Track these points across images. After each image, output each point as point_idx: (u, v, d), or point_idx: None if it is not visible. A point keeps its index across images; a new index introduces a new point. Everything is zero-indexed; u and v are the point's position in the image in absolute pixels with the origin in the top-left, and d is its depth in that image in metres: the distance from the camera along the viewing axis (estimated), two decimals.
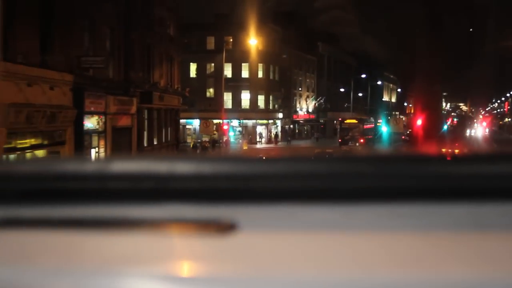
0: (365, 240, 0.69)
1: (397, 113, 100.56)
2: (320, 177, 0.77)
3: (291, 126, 61.80)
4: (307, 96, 66.04)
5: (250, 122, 54.34)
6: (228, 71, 54.80)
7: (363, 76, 65.66)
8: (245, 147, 40.51)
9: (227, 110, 54.04)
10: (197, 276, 0.63)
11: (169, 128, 33.98)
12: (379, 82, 71.13)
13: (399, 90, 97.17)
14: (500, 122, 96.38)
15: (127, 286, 0.63)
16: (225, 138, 38.84)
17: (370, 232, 0.71)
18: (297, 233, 0.71)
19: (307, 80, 66.41)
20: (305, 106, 65.37)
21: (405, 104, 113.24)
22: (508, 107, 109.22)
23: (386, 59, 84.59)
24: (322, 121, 69.65)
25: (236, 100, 54.23)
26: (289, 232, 0.71)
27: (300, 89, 64.05)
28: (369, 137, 40.03)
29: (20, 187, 0.79)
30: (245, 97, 54.58)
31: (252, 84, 53.56)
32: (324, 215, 0.74)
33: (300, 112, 64.01)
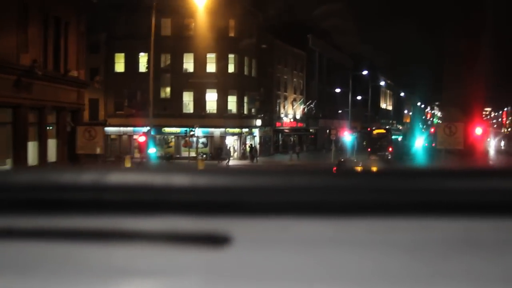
0: (359, 254, 0.69)
1: (394, 121, 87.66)
2: (314, 191, 0.76)
3: (274, 136, 47.44)
4: (294, 99, 51.72)
5: (217, 132, 39.85)
6: (189, 64, 40.29)
7: (364, 73, 51.30)
8: (200, 167, 26.08)
9: (187, 115, 39.69)
10: None
11: (49, 141, 19.39)
12: (382, 83, 57.10)
13: (402, 94, 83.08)
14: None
15: None
16: (140, 155, 24.44)
17: (364, 246, 0.70)
18: (292, 247, 0.70)
19: (294, 79, 52.15)
20: (292, 112, 51.06)
21: (406, 112, 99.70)
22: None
23: (385, 62, 70.53)
24: (312, 130, 55.45)
25: (199, 102, 39.74)
26: (284, 246, 0.71)
27: (285, 90, 49.71)
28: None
29: (17, 197, 0.78)
30: (211, 98, 40.07)
31: (221, 82, 39.21)
32: (318, 228, 0.73)
33: (285, 119, 49.63)
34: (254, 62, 42.59)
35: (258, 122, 42.91)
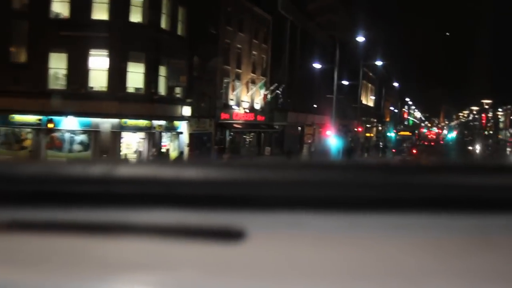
0: (374, 249, 0.67)
1: (374, 120, 71.48)
2: (329, 186, 0.74)
3: (218, 133, 29.78)
4: (252, 81, 34.11)
5: (107, 124, 21.94)
6: (60, 5, 22.29)
7: (360, 39, 33.63)
8: None
9: (56, 92, 21.76)
10: (205, 285, 0.62)
11: None
12: (378, 62, 39.82)
13: (395, 84, 65.66)
14: None
15: None
16: None
17: (378, 241, 0.69)
18: (306, 241, 0.69)
19: (254, 52, 34.57)
20: (248, 99, 33.49)
21: (392, 108, 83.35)
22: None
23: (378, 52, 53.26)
24: (277, 127, 38.10)
25: (78, 72, 21.69)
26: (298, 240, 0.69)
27: (237, 66, 32.04)
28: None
29: (25, 189, 0.76)
30: (99, 65, 22.00)
31: (116, 37, 21.38)
32: (332, 223, 0.72)
33: (236, 109, 32.01)
34: (183, 12, 24.82)
35: (186, 111, 25.21)
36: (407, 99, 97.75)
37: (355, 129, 48.49)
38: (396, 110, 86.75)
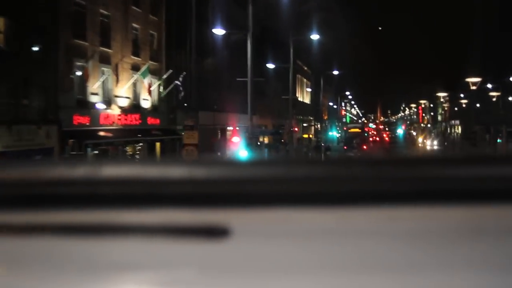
0: (361, 244, 0.67)
1: (311, 118, 62.24)
2: (315, 181, 0.73)
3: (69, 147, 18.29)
4: (133, 67, 22.76)
5: None
6: None
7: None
8: None
9: None
10: (190, 283, 0.62)
11: None
12: (314, 36, 29.50)
13: (336, 72, 55.26)
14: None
15: None
16: None
17: (365, 236, 0.68)
18: (292, 238, 0.68)
19: (135, 25, 23.28)
20: (129, 93, 22.14)
21: (333, 105, 74.30)
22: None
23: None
24: (182, 133, 27.09)
25: None
26: (284, 237, 0.68)
27: (104, 42, 20.62)
28: None
29: (9, 192, 0.74)
30: None
31: None
32: (319, 219, 0.71)
33: (103, 108, 20.51)
34: None
35: None
36: (347, 93, 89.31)
37: (291, 129, 38.21)
38: (335, 106, 77.91)
